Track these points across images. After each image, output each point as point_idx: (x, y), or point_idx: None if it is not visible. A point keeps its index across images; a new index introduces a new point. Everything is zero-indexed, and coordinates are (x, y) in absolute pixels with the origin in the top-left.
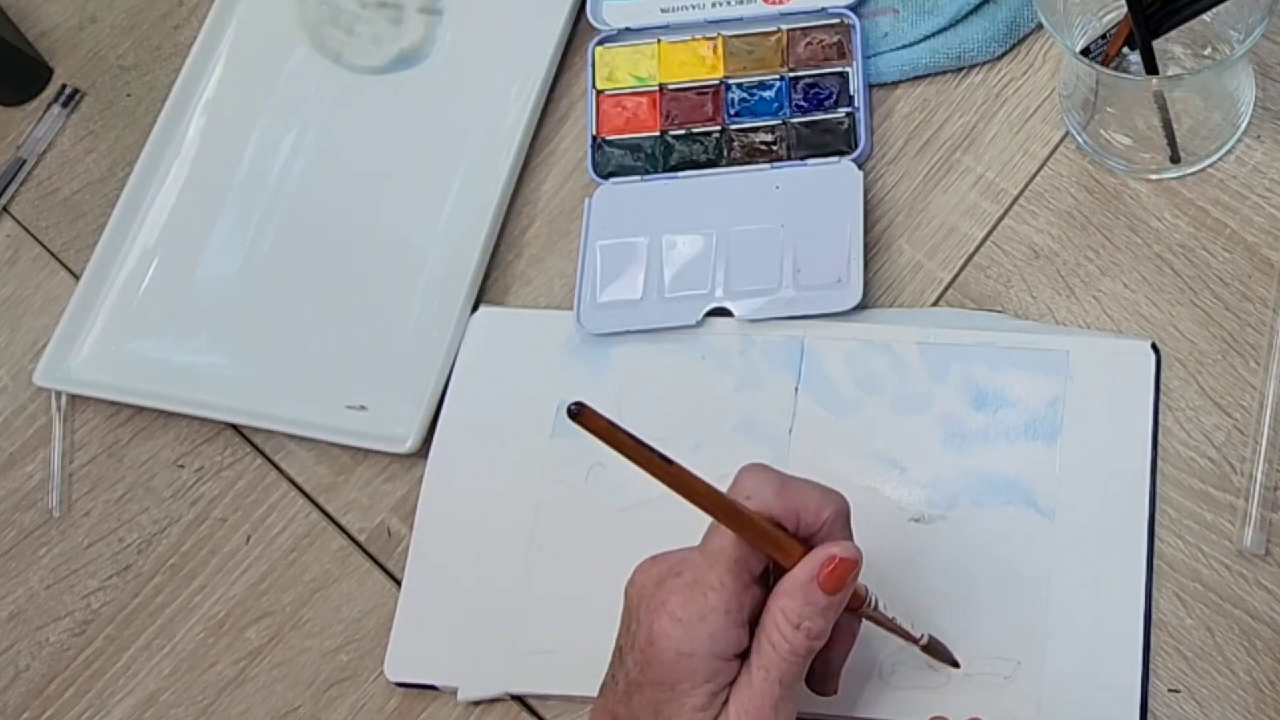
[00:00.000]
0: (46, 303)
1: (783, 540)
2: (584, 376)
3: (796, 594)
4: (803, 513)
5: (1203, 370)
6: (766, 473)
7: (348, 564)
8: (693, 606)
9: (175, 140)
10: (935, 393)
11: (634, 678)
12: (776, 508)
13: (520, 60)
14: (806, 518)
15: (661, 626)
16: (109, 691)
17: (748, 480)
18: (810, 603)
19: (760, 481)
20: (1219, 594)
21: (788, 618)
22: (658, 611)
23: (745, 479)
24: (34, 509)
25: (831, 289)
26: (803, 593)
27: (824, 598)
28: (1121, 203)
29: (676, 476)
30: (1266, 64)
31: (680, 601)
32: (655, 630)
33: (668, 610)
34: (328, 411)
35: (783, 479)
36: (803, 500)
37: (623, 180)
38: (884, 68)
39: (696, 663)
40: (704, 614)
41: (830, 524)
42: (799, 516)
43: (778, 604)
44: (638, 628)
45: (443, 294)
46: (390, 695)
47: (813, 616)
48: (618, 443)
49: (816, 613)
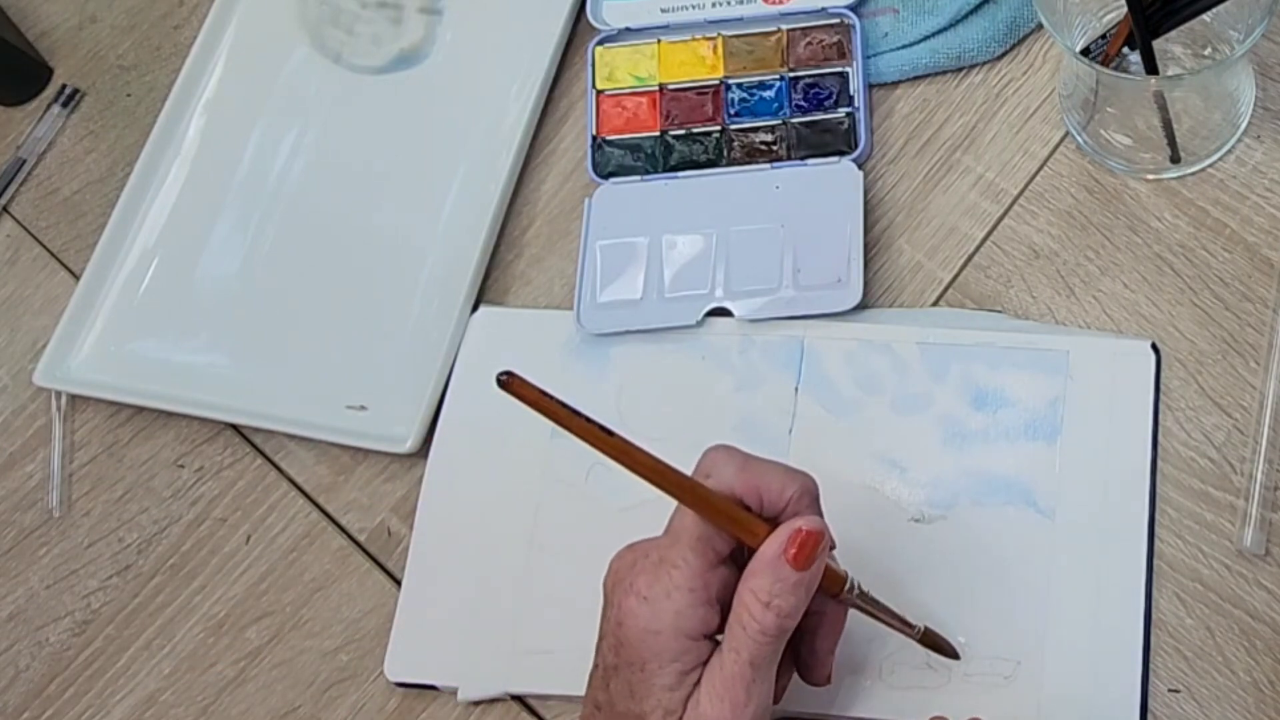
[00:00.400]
0: (46, 303)
1: (744, 519)
2: (584, 376)
3: (764, 572)
4: (765, 492)
5: (1203, 370)
6: (729, 452)
7: (348, 564)
8: (658, 585)
9: (175, 140)
10: (935, 393)
11: (610, 662)
12: (738, 485)
13: (520, 60)
14: (770, 497)
15: (629, 606)
16: (109, 691)
17: (709, 460)
18: (779, 580)
19: (721, 460)
20: (1219, 594)
21: (757, 596)
22: (626, 592)
23: (707, 458)
24: (34, 509)
25: (831, 289)
26: (771, 570)
27: (793, 573)
28: (1121, 203)
29: (619, 448)
30: (1266, 64)
31: (646, 581)
32: (623, 610)
33: (635, 590)
34: (328, 411)
35: (745, 458)
36: (766, 479)
37: (623, 180)
38: (884, 68)
39: (664, 640)
40: (668, 591)
41: (795, 503)
42: (761, 495)
43: (747, 585)
44: (610, 610)
45: (443, 294)
46: (390, 695)
47: (783, 594)
48: (551, 411)
49: (787, 590)
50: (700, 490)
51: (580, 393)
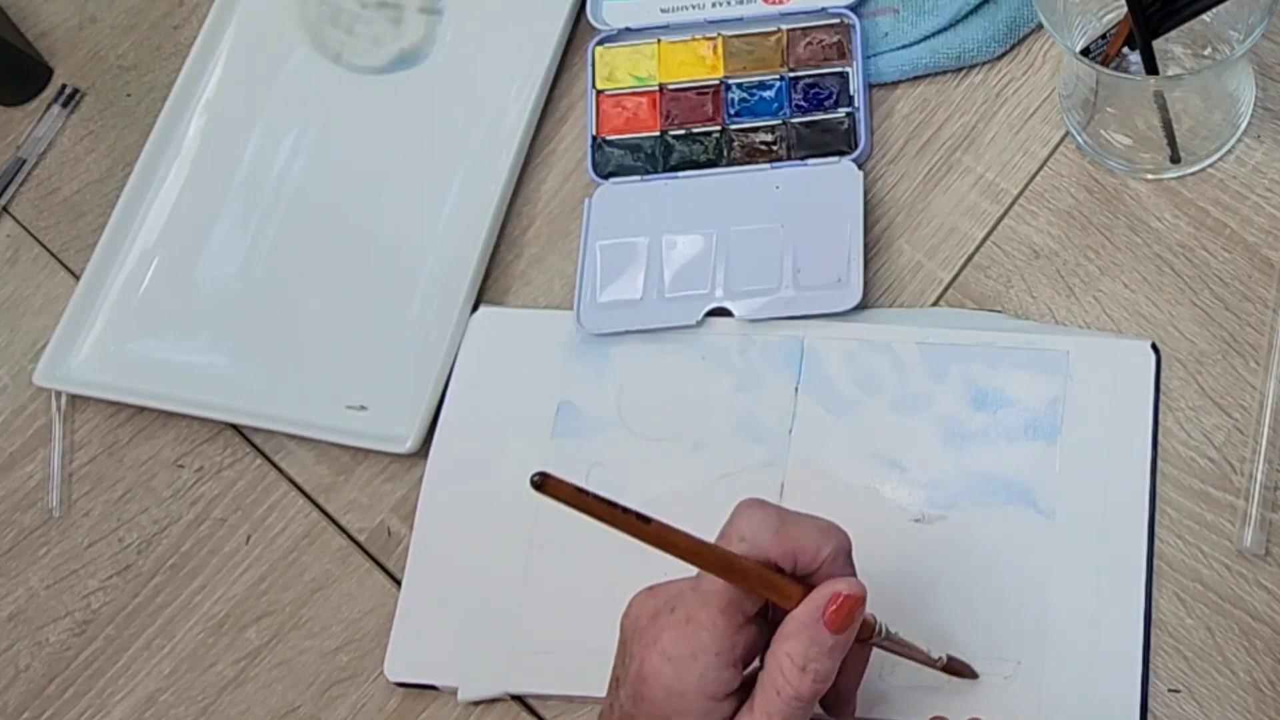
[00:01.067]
0: (46, 303)
1: (780, 584)
2: (584, 376)
3: (801, 635)
4: (800, 554)
5: (1203, 370)
6: (764, 512)
7: (348, 564)
8: (684, 645)
9: (175, 140)
10: (935, 393)
11: (627, 710)
12: (773, 550)
13: (520, 60)
14: (804, 559)
15: (653, 664)
16: (109, 691)
17: (743, 521)
18: (816, 643)
19: (756, 522)
20: (1219, 594)
21: (793, 660)
22: (649, 648)
23: (741, 520)
24: (34, 509)
25: (831, 289)
26: (808, 633)
27: (830, 637)
28: (1121, 203)
29: (658, 534)
30: (1266, 64)
31: (672, 639)
32: (646, 667)
33: (659, 647)
34: (328, 411)
35: (780, 519)
36: (801, 541)
37: (623, 180)
38: (884, 68)
39: (687, 702)
40: (695, 653)
41: (830, 562)
42: (796, 558)
43: (782, 647)
44: (631, 661)
45: (443, 294)
46: (390, 695)
47: (819, 658)
48: (588, 507)
49: (823, 654)
50: (738, 564)
51: (580, 393)
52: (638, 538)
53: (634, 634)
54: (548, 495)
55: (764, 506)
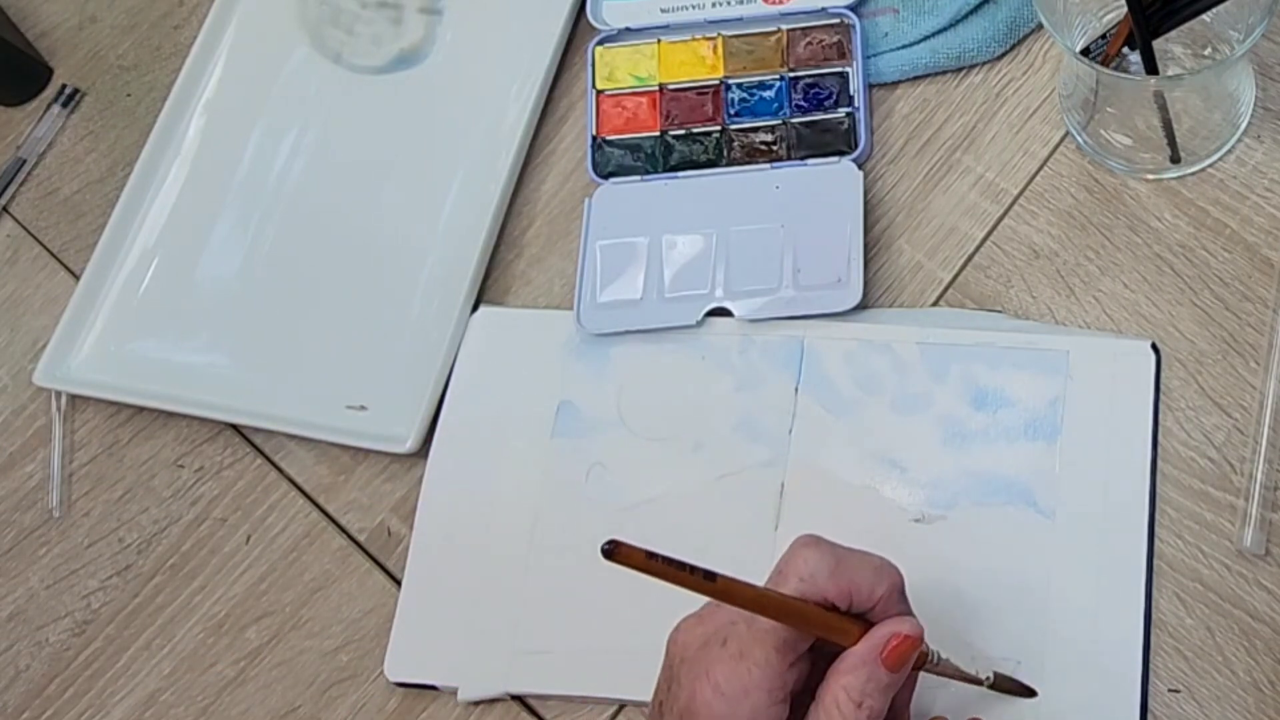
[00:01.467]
0: (46, 303)
1: (838, 624)
2: (584, 376)
3: (860, 671)
4: (856, 593)
5: (1203, 370)
6: (820, 551)
7: (348, 564)
8: (736, 681)
9: (175, 140)
10: (935, 393)
11: None
12: (831, 590)
13: (520, 60)
14: (860, 597)
15: (704, 696)
16: (109, 691)
17: (800, 561)
18: (873, 680)
19: (814, 563)
20: (1219, 594)
21: (850, 695)
22: (700, 680)
23: (799, 559)
24: (34, 509)
25: (831, 289)
26: (866, 670)
27: (886, 675)
28: (1121, 203)
29: (725, 590)
30: (1266, 64)
31: (724, 674)
32: (697, 700)
33: (711, 680)
34: (328, 411)
35: (836, 558)
36: (857, 581)
37: (623, 180)
38: (884, 68)
39: None
40: (747, 690)
41: (885, 600)
42: (852, 596)
43: (839, 681)
44: (679, 689)
45: (443, 294)
46: (390, 695)
47: (875, 694)
48: (659, 571)
49: (879, 690)
50: (799, 609)
51: (580, 393)
52: (705, 594)
53: (681, 662)
54: (618, 563)
55: (820, 545)
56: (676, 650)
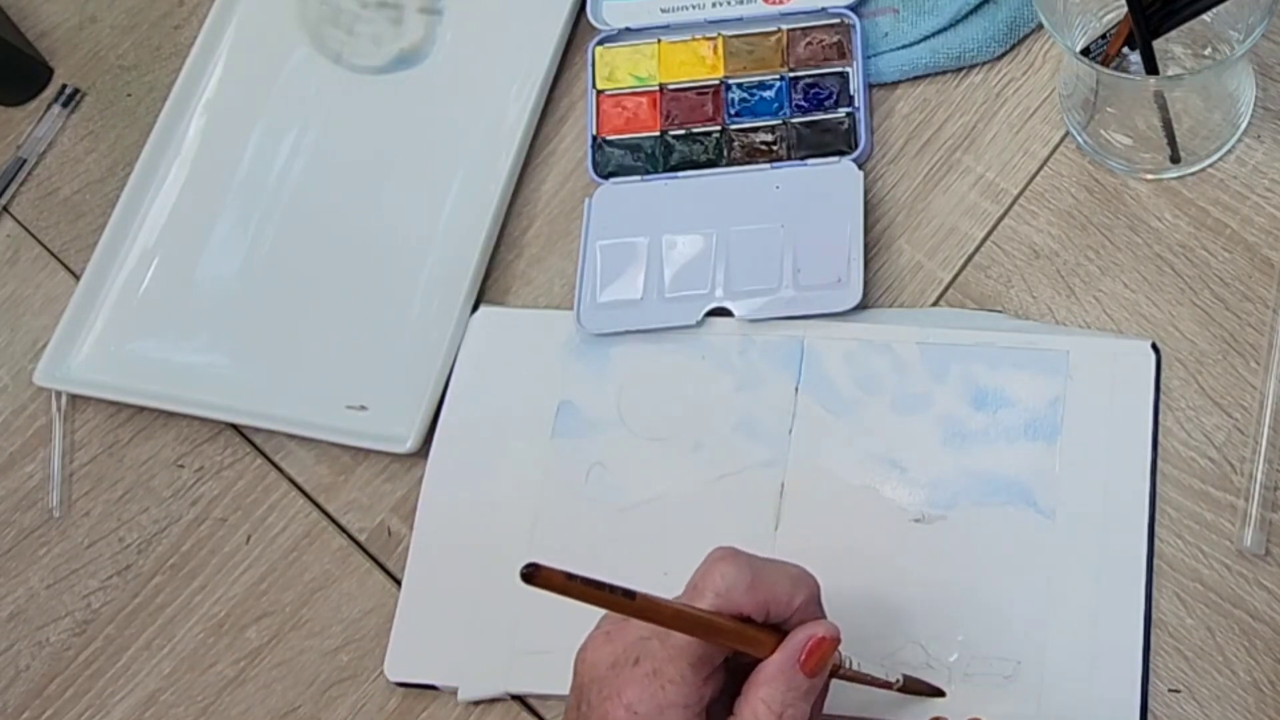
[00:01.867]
0: (46, 303)
1: (754, 636)
2: (584, 376)
3: (778, 680)
4: (773, 605)
5: (1203, 370)
6: (737, 565)
7: (348, 564)
8: (651, 701)
9: (175, 140)
10: (935, 393)
11: None
12: (747, 605)
13: (520, 60)
14: (777, 608)
15: (616, 717)
16: (109, 691)
17: (717, 576)
18: (792, 688)
19: (730, 577)
20: (1219, 594)
21: (770, 707)
22: (612, 700)
23: (714, 574)
24: (34, 509)
25: (831, 289)
26: (784, 678)
27: (805, 681)
28: (1121, 203)
29: (644, 608)
30: (1266, 64)
31: (637, 694)
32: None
33: (624, 701)
34: (328, 411)
35: (753, 571)
36: (775, 592)
37: (623, 180)
38: (884, 68)
39: None
40: (662, 708)
41: (802, 610)
42: (769, 608)
43: (758, 694)
44: (590, 711)
45: (443, 294)
46: (390, 695)
47: (795, 703)
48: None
49: (799, 698)
50: (717, 625)
51: (580, 393)
52: (625, 613)
53: (591, 683)
54: (539, 586)
55: (737, 559)
56: (585, 670)
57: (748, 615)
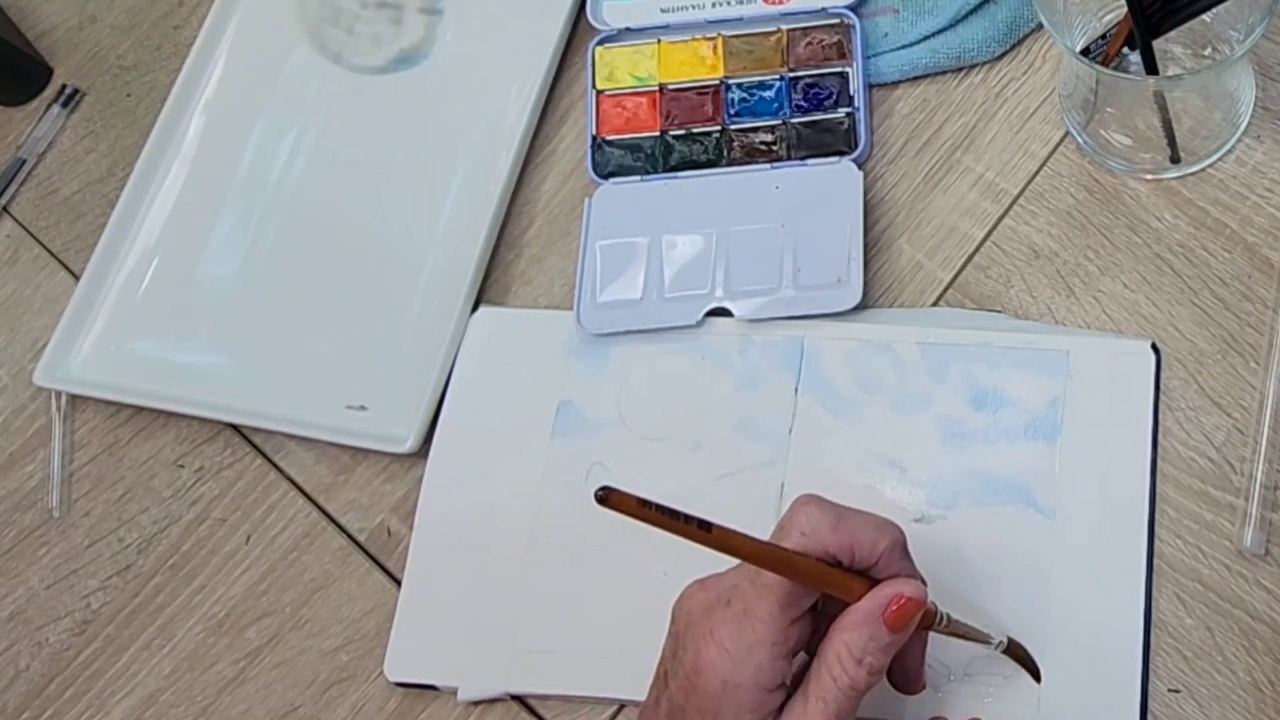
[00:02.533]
0: (46, 303)
1: (840, 579)
2: (584, 376)
3: (862, 628)
4: (858, 548)
5: (1203, 370)
6: (821, 507)
7: (348, 564)
8: (741, 639)
9: (175, 140)
10: (935, 393)
11: (678, 702)
12: (832, 545)
13: (520, 60)
14: (862, 553)
15: (709, 656)
16: (109, 691)
17: (802, 516)
18: (874, 638)
19: (815, 518)
20: (1219, 594)
21: (850, 651)
22: (705, 640)
23: (800, 514)
24: (34, 509)
25: (831, 289)
26: (868, 629)
27: (888, 635)
28: (1121, 203)
29: (720, 540)
30: (1266, 64)
31: (729, 633)
32: (702, 659)
33: (715, 640)
34: (328, 411)
35: (838, 514)
36: (858, 536)
37: (623, 180)
38: (884, 68)
39: (742, 694)
40: (752, 646)
41: (887, 555)
42: (854, 552)
43: (841, 636)
44: (684, 654)
45: (443, 294)
46: (390, 695)
47: (875, 652)
48: (653, 519)
49: (879, 649)
50: (800, 563)
51: (580, 393)
52: (701, 544)
53: (687, 626)
54: (612, 508)
55: (821, 502)
56: (681, 616)
57: (834, 557)
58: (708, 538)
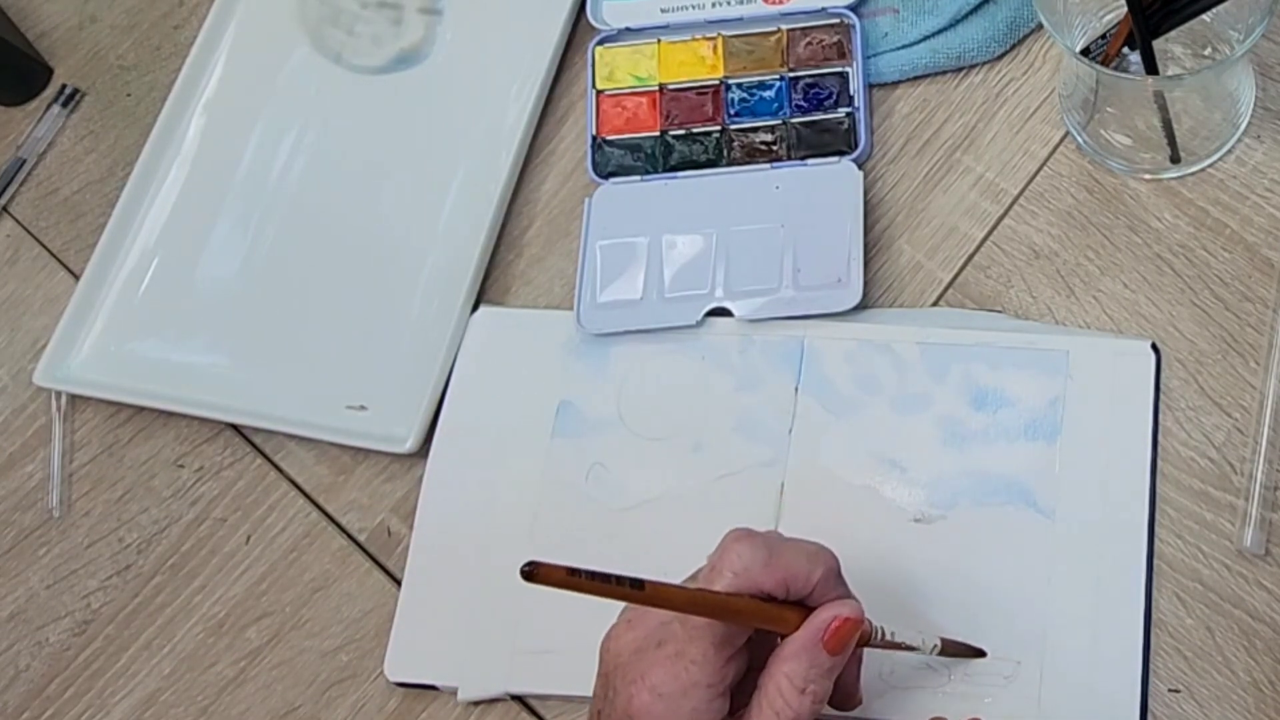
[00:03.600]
0: (46, 303)
1: (777, 614)
2: (584, 376)
3: (801, 657)
4: (792, 581)
5: (1203, 370)
6: (753, 544)
7: (348, 564)
8: (675, 682)
9: (175, 140)
10: (935, 393)
11: None
12: (766, 582)
13: (520, 60)
14: (796, 584)
15: (642, 701)
16: (109, 691)
17: (734, 555)
18: (815, 665)
19: (747, 556)
20: (1219, 594)
21: (793, 682)
22: (637, 684)
23: (731, 553)
24: (34, 509)
25: (831, 289)
26: (807, 655)
27: (828, 659)
28: (1121, 203)
29: (654, 597)
30: (1266, 64)
31: (662, 676)
32: (635, 705)
33: (648, 684)
34: (328, 411)
35: (769, 549)
36: (792, 568)
37: (623, 180)
38: (884, 68)
39: None
40: (686, 689)
41: (822, 584)
42: (789, 585)
43: (781, 668)
44: (615, 696)
45: (443, 294)
46: (390, 695)
47: (818, 679)
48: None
49: (821, 675)
50: (734, 605)
51: (580, 393)
52: (636, 602)
53: (616, 669)
54: (539, 583)
55: (753, 537)
56: (610, 658)
57: (768, 593)
58: (641, 596)
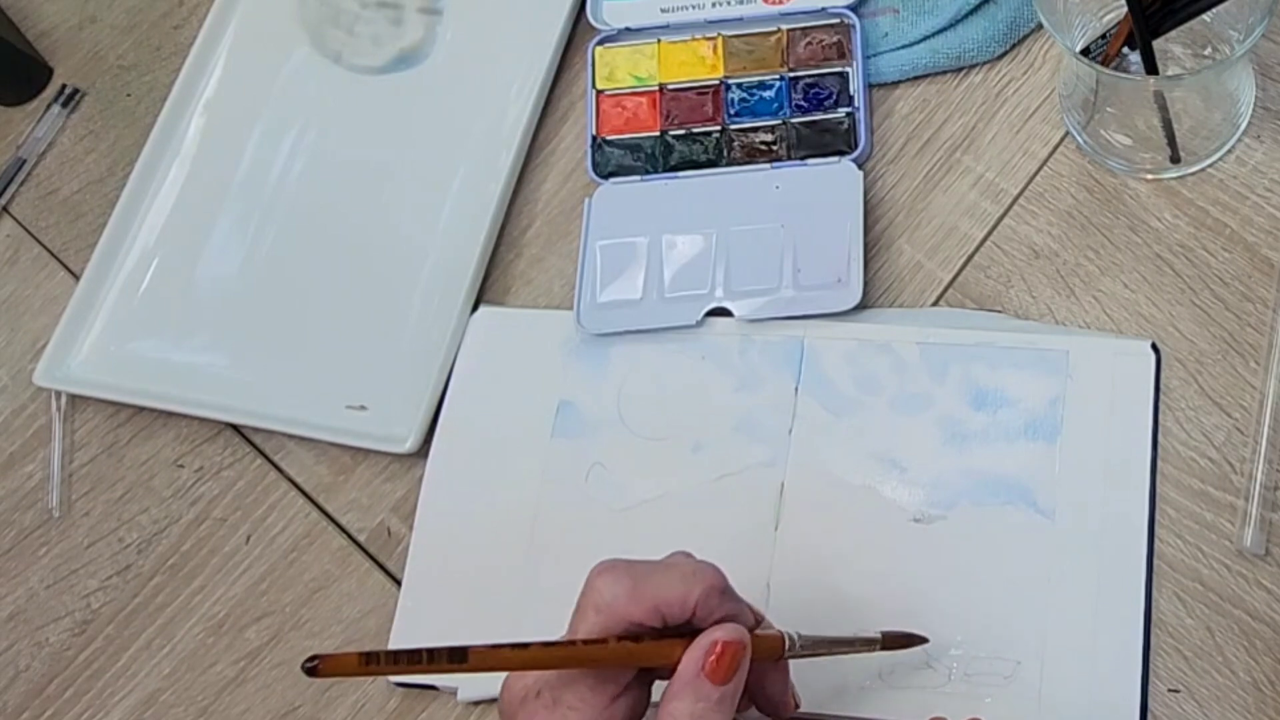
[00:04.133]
0: (46, 303)
1: (651, 649)
2: (584, 376)
3: (685, 694)
4: (666, 608)
5: (1203, 370)
6: (615, 574)
7: (348, 564)
8: None
9: (175, 140)
10: (935, 393)
11: None
12: (635, 613)
13: (520, 60)
14: (672, 611)
15: None
16: (109, 691)
17: (596, 591)
18: (702, 698)
19: (611, 588)
20: (1219, 594)
21: None
22: None
23: (594, 588)
24: (34, 509)
25: (831, 289)
26: (691, 690)
27: (715, 689)
28: (1121, 203)
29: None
30: (1266, 64)
31: None
32: None
33: None
34: (328, 411)
35: (634, 578)
36: (662, 594)
37: (623, 180)
38: (884, 68)
39: None
40: None
41: (704, 605)
42: (662, 613)
43: (667, 709)
44: None
45: (443, 294)
46: (390, 695)
47: (708, 713)
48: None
49: (711, 708)
50: (597, 652)
51: (580, 393)
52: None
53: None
54: (327, 677)
55: (615, 568)
56: (503, 706)
57: (639, 623)
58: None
